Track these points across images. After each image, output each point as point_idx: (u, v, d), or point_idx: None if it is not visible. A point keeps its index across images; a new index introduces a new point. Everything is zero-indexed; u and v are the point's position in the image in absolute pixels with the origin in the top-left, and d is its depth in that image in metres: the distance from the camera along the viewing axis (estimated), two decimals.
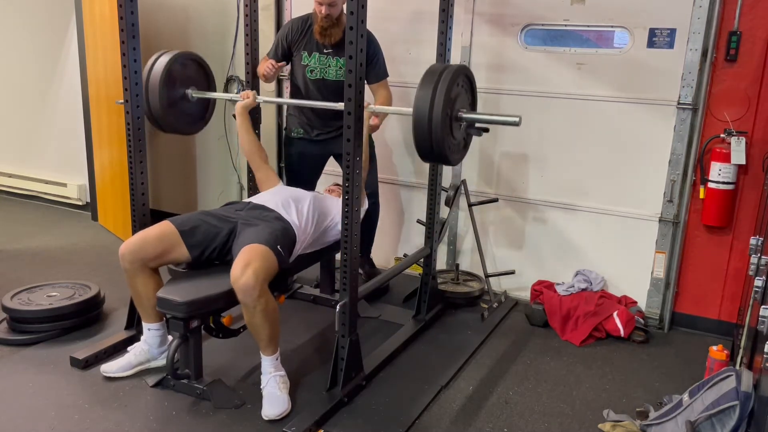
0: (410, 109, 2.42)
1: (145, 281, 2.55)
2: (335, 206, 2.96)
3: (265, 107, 3.52)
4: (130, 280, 2.58)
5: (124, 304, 3.04)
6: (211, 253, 2.59)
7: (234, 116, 3.46)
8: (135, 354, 2.69)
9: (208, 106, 3.33)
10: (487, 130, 2.69)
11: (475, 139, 3.69)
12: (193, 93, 3.18)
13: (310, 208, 2.82)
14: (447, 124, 2.41)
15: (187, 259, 2.57)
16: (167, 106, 3.03)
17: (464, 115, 2.52)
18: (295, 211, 2.75)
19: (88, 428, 2.34)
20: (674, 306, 3.41)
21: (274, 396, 2.45)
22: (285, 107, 3.84)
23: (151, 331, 2.68)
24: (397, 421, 2.45)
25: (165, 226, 2.56)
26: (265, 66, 3.28)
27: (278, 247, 2.48)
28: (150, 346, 2.69)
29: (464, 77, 2.55)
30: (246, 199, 2.97)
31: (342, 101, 2.36)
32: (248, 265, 2.32)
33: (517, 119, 2.44)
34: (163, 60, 3.01)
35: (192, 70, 3.19)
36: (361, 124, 2.39)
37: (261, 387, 2.49)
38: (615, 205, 3.44)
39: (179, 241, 2.54)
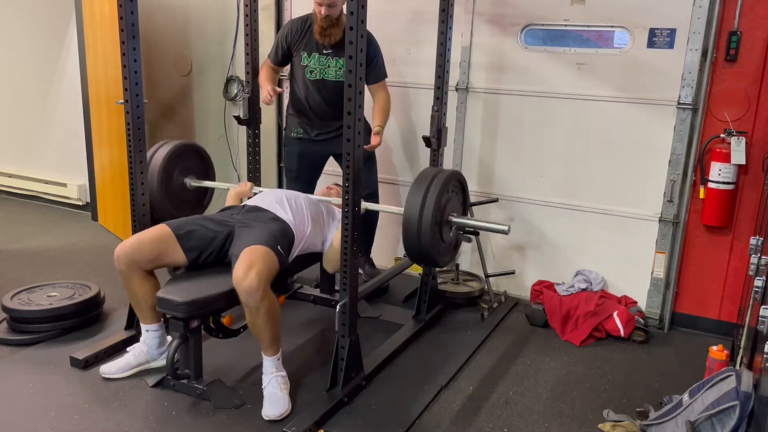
0: (401, 209, 2.51)
1: (140, 283, 2.55)
2: (331, 205, 2.98)
3: (265, 107, 3.52)
4: (126, 282, 2.57)
5: (124, 304, 3.04)
6: (207, 257, 2.59)
7: (235, 117, 3.48)
8: (134, 355, 2.69)
9: (205, 194, 3.41)
10: (477, 233, 2.75)
11: (474, 139, 3.72)
12: (192, 182, 3.26)
13: (306, 206, 2.83)
14: (437, 230, 2.50)
15: (183, 262, 2.56)
16: (165, 195, 3.13)
17: (454, 220, 2.61)
18: (290, 209, 2.75)
19: (88, 428, 2.34)
20: (674, 306, 3.41)
21: (276, 396, 2.45)
22: (285, 107, 3.84)
23: (149, 332, 2.67)
24: (397, 421, 2.45)
25: (161, 229, 2.56)
26: (264, 95, 3.27)
27: (278, 247, 2.48)
28: (149, 347, 2.69)
29: (456, 182, 2.64)
30: (242, 203, 2.97)
31: (341, 102, 2.36)
32: (251, 266, 2.32)
33: (506, 228, 2.55)
34: (163, 151, 3.12)
35: (191, 159, 3.29)
36: (362, 124, 2.39)
37: (262, 387, 2.49)
38: (615, 205, 3.44)
39: (175, 244, 2.53)
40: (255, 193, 3.12)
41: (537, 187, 3.61)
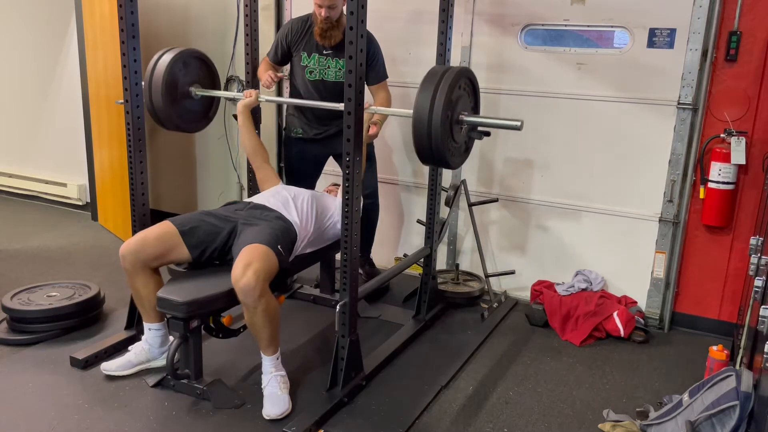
0: (410, 111, 2.40)
1: (145, 281, 2.55)
2: (333, 203, 2.98)
3: (265, 107, 3.52)
4: (131, 281, 2.58)
5: (124, 304, 3.05)
6: (211, 254, 2.59)
7: (234, 116, 3.46)
8: (135, 353, 2.69)
9: (211, 104, 3.33)
10: (488, 134, 2.67)
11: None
12: (197, 91, 3.18)
13: (311, 207, 2.83)
14: (447, 127, 2.39)
15: (187, 259, 2.57)
16: (170, 103, 3.04)
17: (465, 119, 2.50)
18: (295, 210, 2.75)
19: (88, 428, 2.34)
20: (674, 306, 3.41)
21: (276, 396, 2.45)
22: (285, 107, 3.85)
23: (151, 331, 2.68)
24: (397, 421, 2.45)
25: (165, 226, 2.56)
26: (265, 77, 3.27)
27: (278, 246, 2.48)
28: (151, 346, 2.69)
29: (466, 79, 2.53)
30: (246, 199, 2.97)
31: (341, 102, 2.36)
32: (249, 265, 2.32)
33: (518, 123, 2.42)
34: (167, 57, 3.01)
35: (196, 67, 3.20)
36: (362, 124, 2.39)
37: (262, 387, 2.49)
38: (615, 205, 3.44)
39: (179, 241, 2.54)
40: (261, 101, 3.11)
41: (537, 187, 3.61)
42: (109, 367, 2.67)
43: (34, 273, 3.76)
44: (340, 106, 2.38)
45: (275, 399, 2.44)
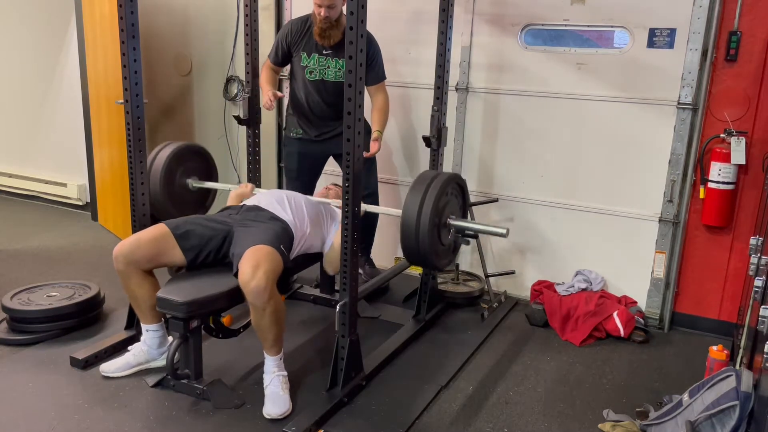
0: (399, 211, 2.50)
1: (139, 283, 2.54)
2: (331, 206, 2.98)
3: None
4: (125, 282, 2.57)
5: (124, 304, 3.04)
6: (206, 257, 2.58)
7: (234, 117, 3.48)
8: (134, 354, 2.69)
9: (207, 195, 3.41)
10: (476, 236, 2.75)
11: (474, 139, 3.72)
12: (194, 183, 3.27)
13: (305, 206, 2.83)
14: (435, 232, 2.49)
15: (182, 262, 2.56)
16: (167, 196, 3.13)
17: (453, 222, 2.60)
18: (289, 209, 2.76)
19: (88, 428, 2.34)
20: (674, 306, 3.41)
21: (277, 395, 2.45)
22: (284, 107, 3.84)
23: (149, 332, 2.67)
24: (397, 421, 2.45)
25: (159, 229, 2.55)
26: (266, 100, 3.27)
27: (281, 246, 2.48)
28: (149, 347, 2.69)
29: (456, 185, 2.63)
30: (242, 203, 2.97)
31: (341, 102, 2.36)
32: (258, 266, 2.31)
33: (504, 231, 2.53)
34: (165, 152, 3.13)
35: (193, 160, 3.29)
36: (361, 124, 2.39)
37: (264, 386, 2.49)
38: (615, 205, 3.44)
39: (173, 243, 2.53)
40: (255, 195, 3.13)
41: (537, 187, 3.61)
42: (108, 368, 2.66)
43: (34, 273, 3.76)
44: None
45: (277, 398, 2.44)
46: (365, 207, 2.68)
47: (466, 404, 2.62)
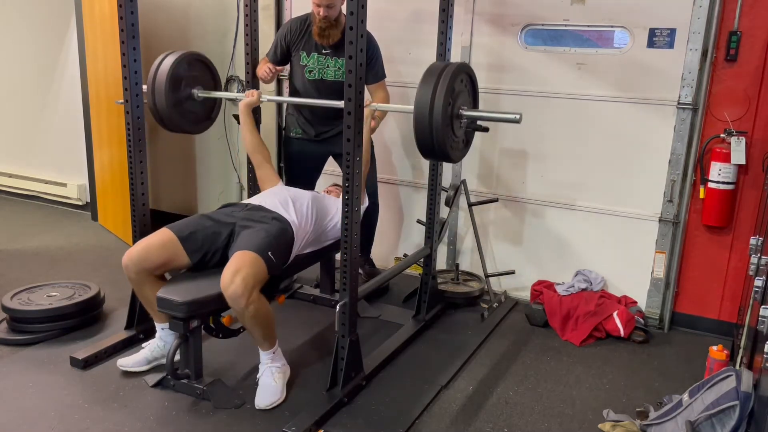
0: (411, 107, 2.43)
1: (152, 287, 2.54)
2: (334, 205, 2.97)
3: (265, 107, 3.52)
4: (137, 288, 2.60)
5: (124, 304, 3.04)
6: (212, 257, 2.59)
7: (234, 116, 3.47)
8: (150, 350, 2.72)
9: (214, 105, 3.36)
10: (487, 129, 2.70)
11: (474, 139, 3.71)
12: (199, 93, 3.21)
13: (310, 207, 2.83)
14: (448, 121, 2.42)
15: (188, 264, 2.57)
16: (173, 105, 3.06)
17: (465, 113, 2.53)
18: (294, 210, 2.75)
19: (88, 428, 2.34)
20: (674, 306, 3.41)
21: (268, 386, 2.50)
22: (284, 107, 3.85)
23: (164, 330, 2.69)
24: (397, 421, 2.45)
25: (164, 234, 2.55)
26: (263, 69, 3.28)
27: (269, 253, 2.47)
28: (165, 343, 2.71)
29: (465, 75, 2.56)
30: (245, 200, 2.97)
31: (341, 101, 2.35)
32: (237, 272, 2.33)
33: (517, 116, 2.45)
34: (169, 60, 3.04)
35: (198, 70, 3.23)
36: (362, 124, 2.39)
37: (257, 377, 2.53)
38: (615, 205, 3.44)
39: (180, 247, 2.53)
40: (263, 101, 3.14)
41: (537, 187, 3.61)
42: (126, 363, 2.69)
43: (34, 273, 3.76)
44: (340, 103, 2.38)
45: (266, 388, 2.49)
46: (376, 105, 2.80)
47: (466, 404, 2.62)
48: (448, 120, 2.42)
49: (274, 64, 3.46)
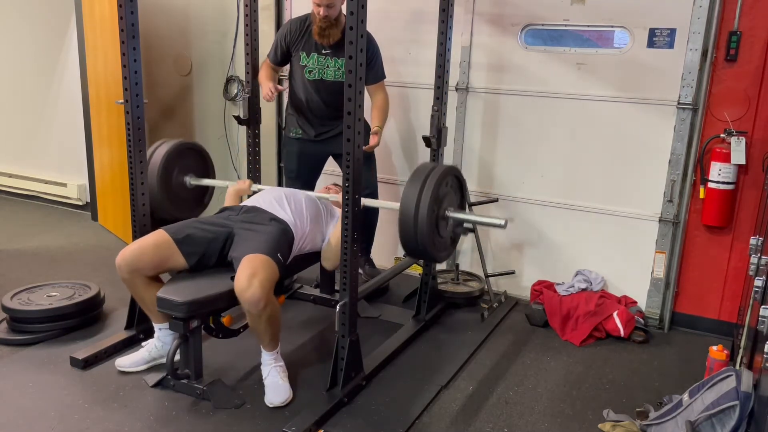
0: (398, 204, 2.48)
1: (145, 287, 2.55)
2: (330, 203, 2.99)
3: (264, 107, 3.52)
4: (131, 288, 2.60)
5: (124, 304, 3.04)
6: (208, 260, 2.59)
7: (234, 117, 3.47)
8: (148, 350, 2.72)
9: (206, 192, 3.39)
10: (473, 230, 2.71)
11: (474, 139, 3.72)
12: (191, 180, 3.25)
13: (305, 204, 2.83)
14: (433, 225, 2.47)
15: (184, 266, 2.57)
16: (165, 194, 3.11)
17: (451, 215, 2.58)
18: (289, 208, 2.76)
19: (88, 428, 2.34)
20: (674, 306, 3.41)
21: (277, 385, 2.50)
22: (284, 107, 3.84)
23: (162, 330, 2.69)
24: (397, 421, 2.45)
25: (159, 235, 2.55)
26: (267, 90, 3.27)
27: (278, 254, 2.50)
28: (163, 343, 2.71)
29: (453, 177, 2.61)
30: (242, 203, 2.97)
31: (340, 102, 2.35)
32: (254, 275, 2.32)
33: (502, 222, 2.51)
34: (162, 150, 3.11)
35: (190, 158, 3.27)
36: (361, 124, 2.39)
37: (263, 378, 2.53)
38: (615, 205, 3.44)
39: (175, 249, 2.53)
40: (254, 191, 3.12)
41: (537, 187, 3.61)
42: (124, 363, 2.69)
43: (34, 273, 3.76)
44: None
45: (277, 387, 2.50)
46: (364, 201, 2.68)
47: (466, 404, 2.62)
48: (434, 221, 2.48)
49: (275, 65, 3.46)
